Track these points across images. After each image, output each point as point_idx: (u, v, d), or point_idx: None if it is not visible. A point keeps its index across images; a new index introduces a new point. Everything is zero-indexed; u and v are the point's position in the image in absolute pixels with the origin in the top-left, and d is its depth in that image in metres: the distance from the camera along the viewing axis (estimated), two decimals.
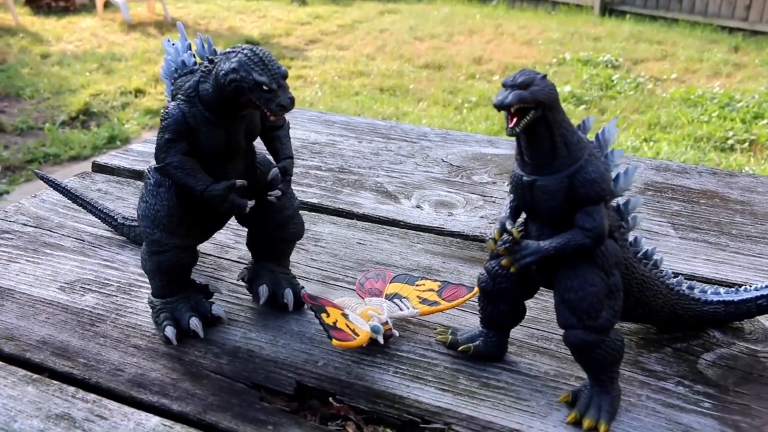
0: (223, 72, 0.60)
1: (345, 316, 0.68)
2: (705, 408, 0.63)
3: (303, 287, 0.76)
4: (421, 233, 0.93)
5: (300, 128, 1.30)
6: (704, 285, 0.75)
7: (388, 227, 0.95)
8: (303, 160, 1.16)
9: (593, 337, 0.58)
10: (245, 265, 0.78)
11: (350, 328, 0.65)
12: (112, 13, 5.76)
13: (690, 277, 0.85)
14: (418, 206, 1.01)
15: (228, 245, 0.90)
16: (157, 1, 5.68)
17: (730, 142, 3.64)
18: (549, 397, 0.64)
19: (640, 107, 4.20)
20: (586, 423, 0.59)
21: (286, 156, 0.69)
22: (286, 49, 5.32)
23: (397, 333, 0.70)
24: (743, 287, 0.75)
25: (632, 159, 1.24)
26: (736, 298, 0.73)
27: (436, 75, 4.88)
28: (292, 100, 0.59)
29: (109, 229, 0.93)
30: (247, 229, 0.77)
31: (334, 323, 0.65)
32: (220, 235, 0.91)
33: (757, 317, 0.77)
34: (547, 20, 6.35)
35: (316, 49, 5.28)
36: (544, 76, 0.53)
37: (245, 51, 0.60)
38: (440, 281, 0.74)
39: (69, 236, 0.92)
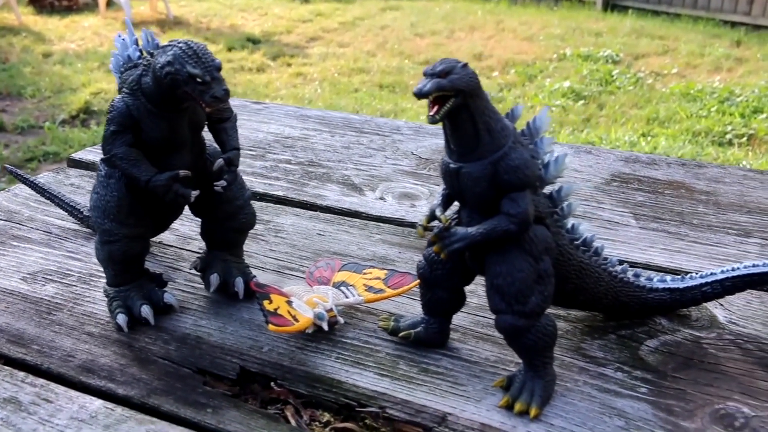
0: (159, 65, 0.61)
1: (289, 303, 0.69)
2: (641, 393, 0.64)
3: (255, 276, 0.78)
4: (381, 224, 0.94)
5: (275, 123, 1.32)
6: (651, 273, 0.75)
7: (350, 219, 0.96)
8: (274, 154, 1.17)
9: (523, 322, 0.59)
10: (198, 255, 0.79)
11: (291, 315, 0.66)
12: (114, 12, 5.81)
13: (645, 266, 0.86)
14: (381, 198, 1.02)
15: (190, 236, 0.91)
16: (160, 0, 5.72)
17: (728, 136, 3.62)
18: (486, 383, 0.65)
19: (639, 102, 4.19)
20: (518, 407, 0.60)
21: (233, 147, 0.70)
22: (287, 47, 5.34)
23: (342, 320, 0.71)
24: (689, 275, 0.75)
25: (588, 148, 1.25)
26: (682, 285, 0.74)
27: None
28: (226, 92, 0.61)
29: (77, 222, 0.95)
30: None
31: (275, 310, 0.66)
32: (182, 227, 0.93)
33: (706, 305, 0.78)
34: (549, 16, 6.33)
35: (316, 46, 5.30)
36: (465, 65, 0.54)
37: (180, 44, 0.61)
38: (387, 270, 0.75)
39: (37, 229, 0.94)
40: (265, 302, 0.67)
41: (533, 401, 0.60)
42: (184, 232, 0.92)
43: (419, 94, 0.52)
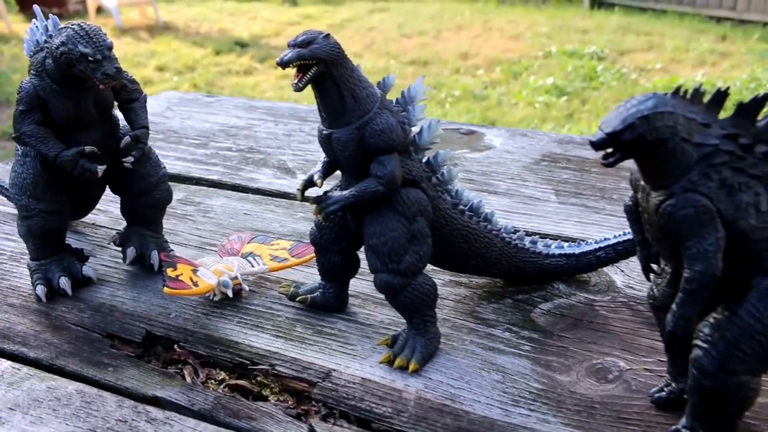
0: (54, 46, 0.65)
1: (195, 271, 0.73)
2: (524, 350, 0.68)
3: (172, 250, 0.81)
4: (306, 204, 0.98)
5: (223, 114, 1.35)
6: (549, 240, 0.79)
7: (278, 199, 1.00)
8: (216, 142, 1.21)
9: (398, 280, 0.62)
10: (118, 231, 0.83)
11: (193, 281, 0.70)
12: (104, 19, 5.86)
13: (555, 237, 0.89)
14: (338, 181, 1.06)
15: (121, 218, 0.95)
16: (149, 6, 5.78)
17: None
18: (375, 343, 0.68)
19: (622, 97, 4.21)
20: (398, 362, 0.64)
21: (141, 126, 0.74)
22: (274, 50, 5.39)
23: (247, 287, 0.75)
24: (585, 241, 0.79)
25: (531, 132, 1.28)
26: (578, 251, 0.77)
27: (421, 71, 4.91)
28: (118, 70, 0.65)
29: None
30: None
31: (178, 276, 0.70)
32: (116, 209, 0.96)
33: (606, 271, 0.81)
34: (536, 14, 6.36)
35: None
36: (327, 35, 0.58)
37: (73, 26, 0.65)
38: (293, 241, 0.79)
39: None
40: (169, 270, 0.71)
41: (413, 357, 0.64)
42: (117, 213, 0.96)
43: (281, 63, 0.56)
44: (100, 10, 5.84)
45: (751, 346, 0.49)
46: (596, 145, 0.47)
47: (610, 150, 0.47)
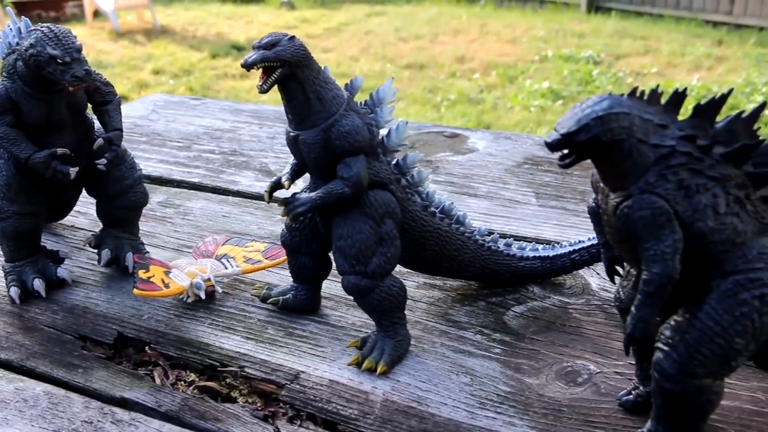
0: (24, 48, 0.66)
1: (167, 273, 0.73)
2: (494, 353, 0.67)
3: (148, 252, 0.81)
4: None
5: (209, 117, 1.36)
6: (523, 242, 0.79)
7: (257, 202, 1.00)
8: (200, 145, 1.21)
9: (365, 282, 0.62)
10: (94, 233, 0.83)
11: (164, 283, 0.70)
12: (101, 22, 5.88)
13: (533, 240, 0.89)
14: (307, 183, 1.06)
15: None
16: (146, 9, 5.79)
17: None
18: (346, 345, 0.68)
19: None
20: (366, 364, 0.64)
21: (114, 128, 0.74)
22: None
23: (220, 289, 0.75)
24: (560, 243, 0.79)
25: (516, 135, 1.28)
26: (552, 253, 0.77)
27: (417, 74, 4.92)
28: (87, 72, 0.65)
29: None
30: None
31: (149, 278, 0.70)
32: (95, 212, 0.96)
33: (582, 273, 0.81)
34: (533, 18, 6.37)
35: None
36: (292, 37, 0.58)
37: (43, 28, 0.65)
38: (267, 243, 0.79)
39: None
40: (141, 271, 0.71)
41: (382, 359, 0.64)
42: (96, 216, 0.96)
43: (245, 65, 0.56)
44: (97, 13, 5.85)
45: (711, 349, 0.49)
46: (551, 146, 0.47)
47: (566, 151, 0.48)
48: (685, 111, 0.50)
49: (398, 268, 0.74)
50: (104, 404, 0.61)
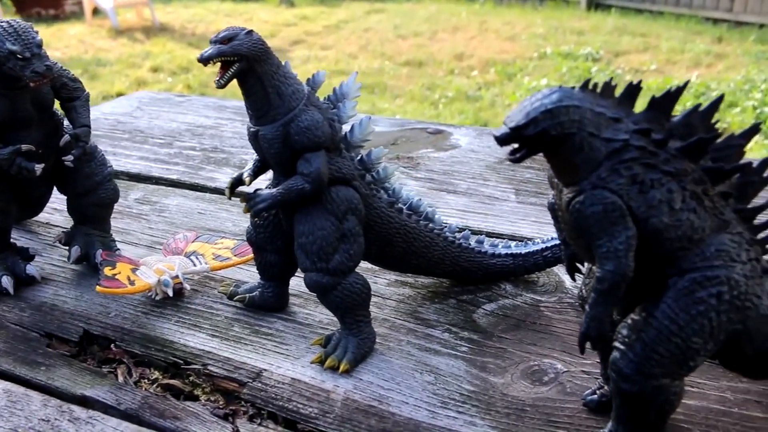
0: None
1: (134, 270, 0.72)
2: (460, 352, 0.67)
3: (118, 249, 0.81)
4: None
5: (192, 113, 1.35)
6: (495, 239, 0.78)
7: (234, 199, 0.99)
8: (181, 141, 1.21)
9: (327, 279, 0.62)
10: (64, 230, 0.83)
11: (130, 280, 0.70)
12: (100, 20, 5.88)
13: (510, 237, 0.88)
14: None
15: None
16: (146, 7, 5.78)
17: None
18: (310, 343, 0.68)
19: None
20: (328, 362, 0.63)
21: (82, 124, 0.74)
22: None
23: (188, 287, 0.74)
24: (533, 241, 0.78)
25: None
26: (524, 250, 0.76)
27: (416, 72, 4.91)
28: (48, 68, 0.64)
29: None
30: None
31: (115, 275, 0.69)
32: None
33: (556, 271, 0.80)
34: (533, 16, 6.35)
35: (299, 49, 5.34)
36: (250, 32, 0.57)
37: (2, 24, 0.65)
38: (237, 240, 0.78)
39: None
40: (107, 268, 0.70)
41: (345, 357, 0.63)
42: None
43: (201, 60, 0.56)
44: (96, 11, 5.85)
45: (668, 349, 0.48)
46: (500, 140, 0.46)
47: (516, 145, 0.47)
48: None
49: (369, 265, 0.74)
50: (63, 402, 0.61)
